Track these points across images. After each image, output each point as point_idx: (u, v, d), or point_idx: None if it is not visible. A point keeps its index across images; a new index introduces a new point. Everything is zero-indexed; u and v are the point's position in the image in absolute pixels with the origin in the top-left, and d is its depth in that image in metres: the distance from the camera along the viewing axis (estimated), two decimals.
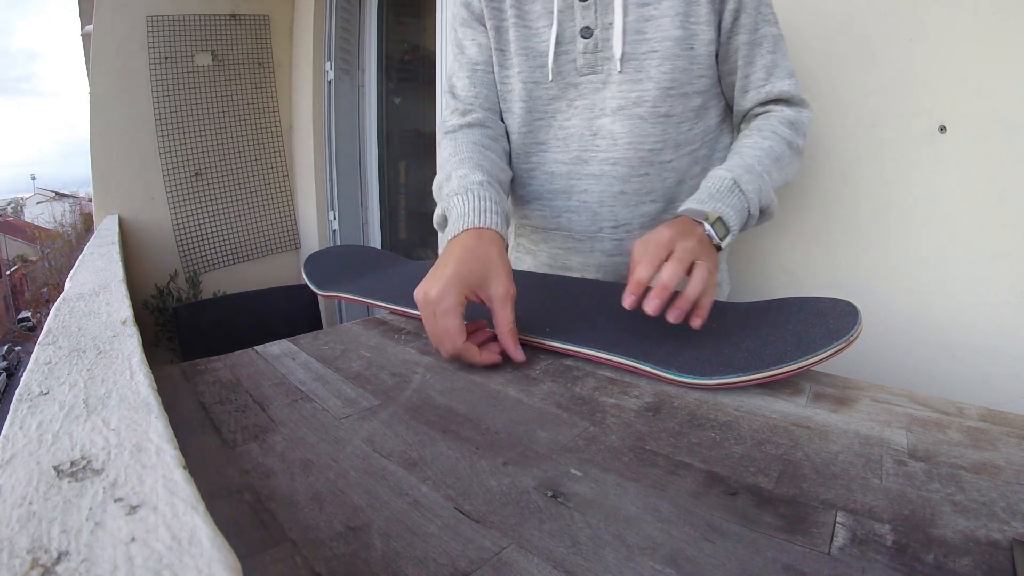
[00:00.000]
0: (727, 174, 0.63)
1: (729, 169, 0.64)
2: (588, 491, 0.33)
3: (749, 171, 0.64)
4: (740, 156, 0.66)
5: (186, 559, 0.18)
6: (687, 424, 0.41)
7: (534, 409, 0.44)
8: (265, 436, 0.40)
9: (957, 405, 0.43)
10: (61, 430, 0.27)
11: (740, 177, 0.63)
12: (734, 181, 0.62)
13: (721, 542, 0.28)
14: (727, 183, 0.62)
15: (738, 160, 0.65)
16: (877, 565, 0.26)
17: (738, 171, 0.63)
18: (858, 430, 0.39)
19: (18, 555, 0.18)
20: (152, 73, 2.25)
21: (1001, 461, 0.35)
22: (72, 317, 0.49)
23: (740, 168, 0.64)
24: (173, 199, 2.35)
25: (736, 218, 0.61)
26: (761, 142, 0.68)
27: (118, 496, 0.21)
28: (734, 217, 0.60)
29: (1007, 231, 0.74)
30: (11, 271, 29.39)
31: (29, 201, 36.98)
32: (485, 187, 0.63)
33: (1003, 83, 0.72)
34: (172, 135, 2.32)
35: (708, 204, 0.61)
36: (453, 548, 0.28)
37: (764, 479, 0.34)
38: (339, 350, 0.59)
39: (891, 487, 0.32)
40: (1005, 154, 0.73)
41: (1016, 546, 0.27)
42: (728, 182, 0.62)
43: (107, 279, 0.69)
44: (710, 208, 0.60)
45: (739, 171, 0.63)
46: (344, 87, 2.45)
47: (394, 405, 0.45)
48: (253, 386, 0.49)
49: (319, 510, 0.31)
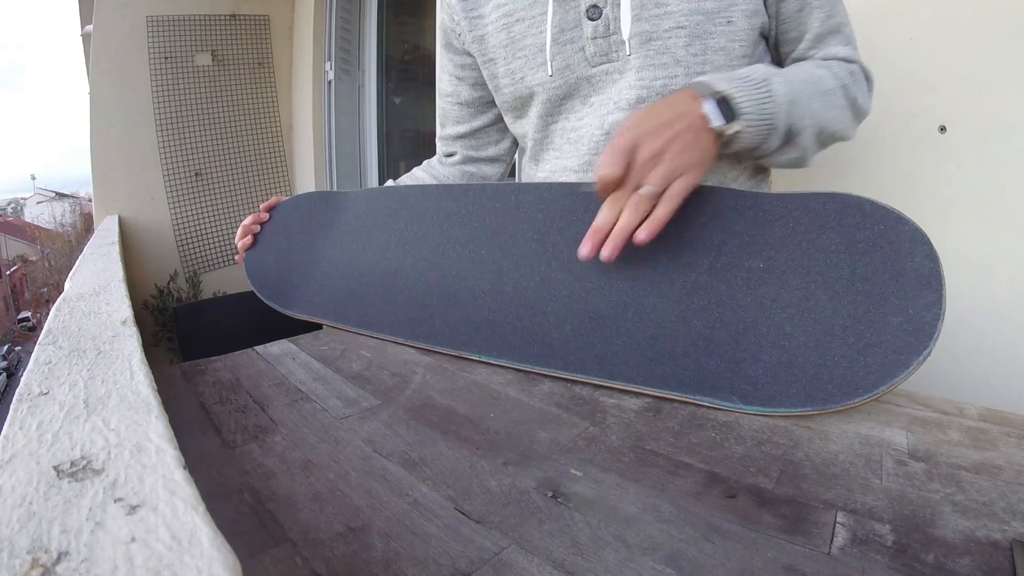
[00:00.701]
0: (762, 69, 0.51)
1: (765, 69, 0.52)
2: (588, 491, 0.33)
3: (788, 82, 0.51)
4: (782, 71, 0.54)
5: (186, 559, 0.18)
6: (687, 424, 0.41)
7: (534, 409, 0.44)
8: (265, 436, 0.40)
9: (957, 405, 0.43)
10: (61, 430, 0.27)
11: (773, 78, 0.50)
12: (764, 78, 0.50)
13: (721, 542, 0.28)
14: (756, 76, 0.50)
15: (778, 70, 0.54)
16: (877, 565, 0.26)
17: (775, 74, 0.51)
18: (858, 430, 0.39)
19: (18, 555, 0.18)
20: (152, 73, 2.25)
21: (1001, 461, 0.35)
22: (72, 317, 0.49)
23: (778, 73, 0.52)
24: (173, 199, 2.35)
25: (752, 111, 0.49)
26: (813, 70, 0.56)
27: (118, 496, 0.21)
28: (750, 108, 0.48)
29: (1007, 231, 0.73)
30: (11, 271, 29.39)
31: (29, 201, 37.00)
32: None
33: (1003, 83, 0.72)
34: (172, 135, 2.32)
35: (722, 83, 0.49)
36: (453, 548, 0.28)
37: (764, 479, 0.34)
38: (339, 350, 0.59)
39: (891, 487, 0.32)
40: (1005, 154, 0.73)
41: (1016, 546, 0.27)
42: (757, 75, 0.50)
43: (107, 279, 0.68)
44: (723, 85, 0.48)
45: (775, 74, 0.51)
46: (344, 87, 2.45)
47: (394, 405, 0.45)
48: (253, 386, 0.49)
49: (319, 510, 0.31)
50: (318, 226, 0.75)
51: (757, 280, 0.44)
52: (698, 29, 0.56)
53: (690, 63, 0.57)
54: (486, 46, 0.68)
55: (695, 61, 0.57)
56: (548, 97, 0.66)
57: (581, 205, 0.52)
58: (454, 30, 0.72)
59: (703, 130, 0.47)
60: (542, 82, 0.65)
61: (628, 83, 0.60)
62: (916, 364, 0.38)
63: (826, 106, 0.55)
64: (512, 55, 0.66)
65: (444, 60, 0.77)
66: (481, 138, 0.81)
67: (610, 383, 0.47)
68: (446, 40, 0.74)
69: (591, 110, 0.64)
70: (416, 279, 0.61)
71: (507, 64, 0.67)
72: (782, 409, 0.41)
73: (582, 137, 0.65)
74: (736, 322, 0.44)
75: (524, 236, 0.55)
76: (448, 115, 0.81)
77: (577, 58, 0.62)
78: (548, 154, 0.70)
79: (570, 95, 0.65)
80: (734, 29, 0.57)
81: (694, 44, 0.57)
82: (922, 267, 0.40)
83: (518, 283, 0.54)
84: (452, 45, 0.74)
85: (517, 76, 0.67)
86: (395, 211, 0.66)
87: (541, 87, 0.65)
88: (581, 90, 0.64)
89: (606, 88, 0.62)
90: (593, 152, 0.64)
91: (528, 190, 0.56)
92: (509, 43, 0.66)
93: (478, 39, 0.69)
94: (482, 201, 0.59)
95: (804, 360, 0.41)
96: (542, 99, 0.66)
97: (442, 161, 0.85)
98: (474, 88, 0.76)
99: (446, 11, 0.72)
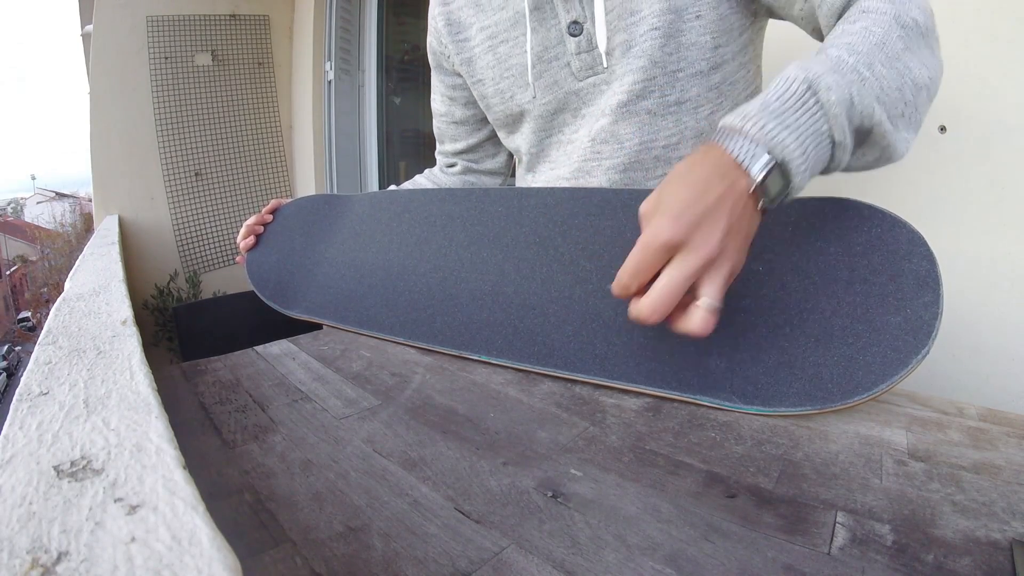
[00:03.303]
0: (799, 72, 0.39)
1: (802, 67, 0.39)
2: (588, 491, 0.33)
3: (836, 68, 0.39)
4: (821, 51, 0.43)
5: (186, 559, 0.18)
6: (687, 424, 0.41)
7: (534, 409, 0.44)
8: (265, 436, 0.40)
9: (957, 405, 0.43)
10: (61, 430, 0.27)
11: (819, 78, 0.38)
12: (808, 85, 0.38)
13: (721, 542, 0.28)
14: (796, 87, 0.38)
15: (817, 55, 0.42)
16: (877, 565, 0.26)
17: (817, 68, 0.39)
18: (858, 430, 0.39)
19: (18, 555, 0.18)
20: (152, 73, 2.25)
21: (1001, 461, 0.35)
22: (72, 317, 0.49)
23: (820, 65, 0.39)
24: (173, 199, 2.35)
25: (807, 153, 0.37)
26: (850, 27, 0.44)
27: (118, 496, 0.21)
28: (799, 153, 0.37)
29: (1007, 231, 0.74)
30: (11, 271, 29.40)
31: (29, 201, 37.00)
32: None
33: (1003, 83, 0.72)
34: (172, 135, 2.32)
35: (760, 122, 0.37)
36: (453, 548, 0.28)
37: (764, 479, 0.34)
38: (339, 350, 0.59)
39: (891, 487, 0.32)
40: (1005, 154, 0.73)
41: (1016, 546, 0.27)
42: (799, 86, 0.38)
43: (107, 279, 0.68)
44: (761, 133, 0.37)
45: (818, 68, 0.39)
46: (344, 87, 2.45)
47: (394, 405, 0.45)
48: (253, 386, 0.49)
49: (319, 510, 0.31)
50: (321, 228, 0.75)
51: (757, 282, 0.44)
52: (671, 28, 0.56)
53: (666, 62, 0.57)
54: (474, 68, 0.69)
55: (671, 60, 0.57)
56: (539, 114, 0.67)
57: (583, 210, 0.53)
58: (443, 52, 0.72)
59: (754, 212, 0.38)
60: (532, 99, 0.66)
61: (613, 91, 0.61)
62: (915, 362, 0.38)
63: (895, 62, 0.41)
64: (500, 75, 0.67)
65: (436, 81, 0.78)
66: (478, 152, 0.82)
67: (610, 383, 0.47)
68: (436, 62, 0.75)
69: (583, 122, 0.65)
70: (417, 280, 0.61)
71: (495, 85, 0.68)
72: (782, 409, 0.41)
73: (576, 149, 0.66)
74: (736, 323, 0.44)
75: (526, 239, 0.55)
76: (444, 133, 0.82)
77: (563, 74, 0.63)
78: (543, 166, 0.71)
79: (561, 110, 0.65)
80: (704, 23, 0.56)
81: (668, 44, 0.57)
82: (919, 268, 0.40)
83: (519, 284, 0.54)
84: (442, 67, 0.75)
85: (506, 96, 0.68)
86: (398, 214, 0.67)
87: (531, 104, 0.66)
88: (571, 104, 0.65)
89: (595, 100, 0.63)
90: (583, 159, 0.65)
91: (531, 194, 0.57)
92: (496, 64, 0.67)
93: (466, 61, 0.70)
94: (485, 205, 0.59)
95: (803, 360, 0.41)
96: (534, 116, 0.67)
97: (444, 171, 0.86)
98: (467, 107, 0.77)
99: (433, 34, 0.72)
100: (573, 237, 0.52)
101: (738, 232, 0.37)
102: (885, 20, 0.43)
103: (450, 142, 0.82)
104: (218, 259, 2.49)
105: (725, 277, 0.37)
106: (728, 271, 0.37)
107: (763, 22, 0.63)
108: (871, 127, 0.40)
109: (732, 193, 0.37)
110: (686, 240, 0.36)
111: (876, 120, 0.40)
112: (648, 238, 0.37)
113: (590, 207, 0.52)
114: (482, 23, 0.66)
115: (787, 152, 0.37)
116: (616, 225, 0.51)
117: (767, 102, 0.38)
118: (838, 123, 0.38)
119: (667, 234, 0.36)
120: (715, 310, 0.37)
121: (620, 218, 0.51)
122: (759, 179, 0.37)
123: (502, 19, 0.65)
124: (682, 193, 0.37)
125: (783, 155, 0.37)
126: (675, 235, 0.36)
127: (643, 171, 0.63)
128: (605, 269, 0.49)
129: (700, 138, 0.62)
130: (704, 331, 0.37)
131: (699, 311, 0.37)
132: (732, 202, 0.37)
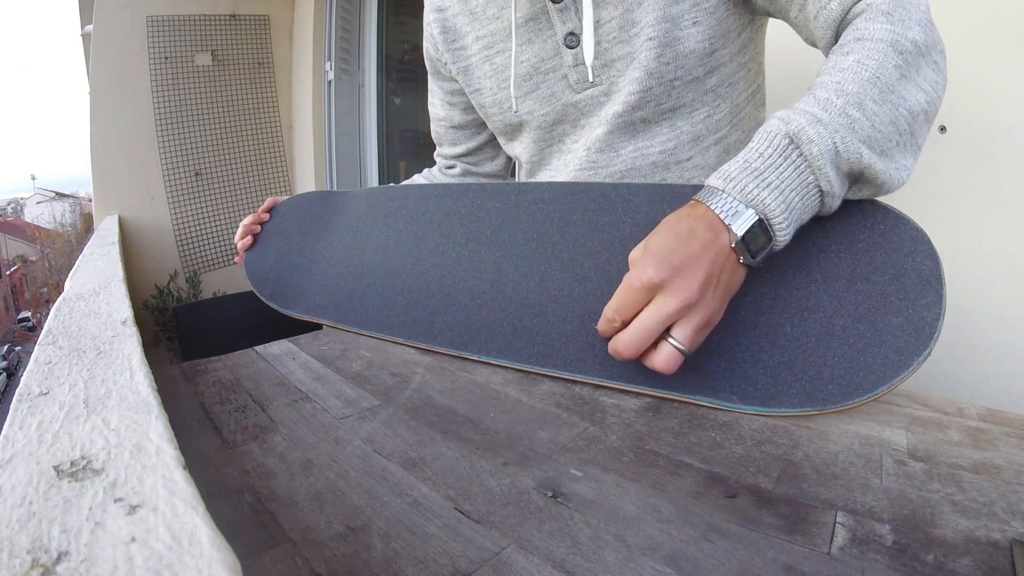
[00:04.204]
0: (780, 126, 0.40)
1: (784, 119, 0.40)
2: (588, 491, 0.33)
3: (821, 115, 0.39)
4: (810, 91, 0.43)
5: (186, 559, 0.18)
6: (687, 424, 0.41)
7: (534, 409, 0.44)
8: (265, 436, 0.40)
9: (957, 405, 0.43)
10: (61, 430, 0.27)
11: (801, 131, 0.39)
12: (790, 139, 0.39)
13: (721, 542, 0.28)
14: (778, 141, 0.40)
15: (806, 98, 0.42)
16: (877, 565, 0.26)
17: (799, 120, 0.39)
18: (858, 430, 0.39)
19: (18, 555, 0.18)
20: (152, 73, 2.25)
21: (1001, 461, 0.35)
22: (72, 317, 0.49)
23: (802, 116, 0.40)
24: (173, 199, 2.35)
25: (791, 207, 0.39)
26: (842, 60, 0.43)
27: (118, 496, 0.21)
28: (782, 209, 0.38)
29: (1007, 231, 0.74)
30: (11, 271, 29.40)
31: (29, 201, 37.01)
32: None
33: (1003, 83, 0.72)
34: (172, 135, 2.32)
35: (740, 183, 0.39)
36: (453, 548, 0.28)
37: (764, 479, 0.34)
38: (339, 350, 0.59)
39: (891, 487, 0.32)
40: (1005, 154, 0.73)
41: (1016, 546, 0.27)
42: (780, 140, 0.40)
43: (107, 279, 0.68)
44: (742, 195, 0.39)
45: (800, 120, 0.39)
46: (344, 87, 2.45)
47: (394, 405, 0.45)
48: (253, 386, 0.49)
49: (319, 510, 0.31)
50: (318, 226, 0.75)
51: (757, 280, 0.44)
52: (667, 37, 0.55)
53: (663, 73, 0.57)
54: (471, 77, 0.69)
55: (667, 70, 0.57)
56: (539, 124, 0.66)
57: (581, 205, 0.52)
58: (439, 59, 0.72)
59: (736, 268, 0.40)
60: (531, 110, 0.65)
61: (612, 102, 0.61)
62: (916, 364, 0.38)
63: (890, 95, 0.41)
64: (497, 86, 0.67)
65: (434, 86, 0.78)
66: (478, 155, 0.82)
67: (610, 383, 0.47)
68: (433, 67, 0.75)
69: (582, 132, 0.65)
70: (416, 279, 0.61)
71: (493, 95, 0.68)
72: (782, 409, 0.41)
73: (574, 158, 0.66)
74: (736, 322, 0.44)
75: (524, 236, 0.55)
76: (443, 137, 0.82)
77: (561, 86, 0.62)
78: (543, 174, 0.72)
79: (560, 121, 0.65)
80: (701, 29, 0.55)
81: (665, 53, 0.56)
82: (923, 267, 0.40)
83: (518, 283, 0.54)
84: (439, 72, 0.75)
85: (505, 106, 0.68)
86: (395, 211, 0.66)
87: (530, 115, 0.66)
88: (570, 116, 0.64)
89: (594, 111, 0.63)
90: (579, 168, 0.65)
91: (528, 190, 0.57)
92: (493, 75, 0.67)
93: (463, 70, 0.70)
94: (482, 201, 0.59)
95: (804, 360, 0.41)
96: (533, 126, 0.67)
97: (443, 172, 0.86)
98: (466, 112, 0.77)
99: (429, 40, 0.72)
100: (571, 233, 0.52)
101: (718, 283, 0.39)
102: (880, 49, 0.42)
103: (449, 146, 0.82)
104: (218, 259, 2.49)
105: (699, 324, 0.39)
106: (703, 318, 0.39)
107: (762, 20, 0.62)
108: (861, 170, 0.40)
109: (715, 245, 0.39)
110: (666, 283, 0.38)
111: (865, 164, 0.40)
112: (631, 279, 0.39)
113: (588, 202, 0.52)
114: (477, 32, 0.66)
115: (768, 210, 0.39)
116: (615, 220, 0.50)
117: (748, 160, 0.40)
118: (823, 174, 0.39)
119: (649, 275, 0.38)
120: (681, 352, 0.39)
121: (619, 213, 0.50)
122: (740, 234, 0.39)
123: (497, 29, 0.64)
124: (668, 240, 0.39)
125: (764, 213, 0.39)
126: (656, 276, 0.38)
127: (641, 178, 0.64)
128: (604, 266, 0.49)
129: (696, 141, 0.62)
130: (667, 369, 0.39)
131: (666, 347, 0.39)
132: (715, 253, 0.39)
